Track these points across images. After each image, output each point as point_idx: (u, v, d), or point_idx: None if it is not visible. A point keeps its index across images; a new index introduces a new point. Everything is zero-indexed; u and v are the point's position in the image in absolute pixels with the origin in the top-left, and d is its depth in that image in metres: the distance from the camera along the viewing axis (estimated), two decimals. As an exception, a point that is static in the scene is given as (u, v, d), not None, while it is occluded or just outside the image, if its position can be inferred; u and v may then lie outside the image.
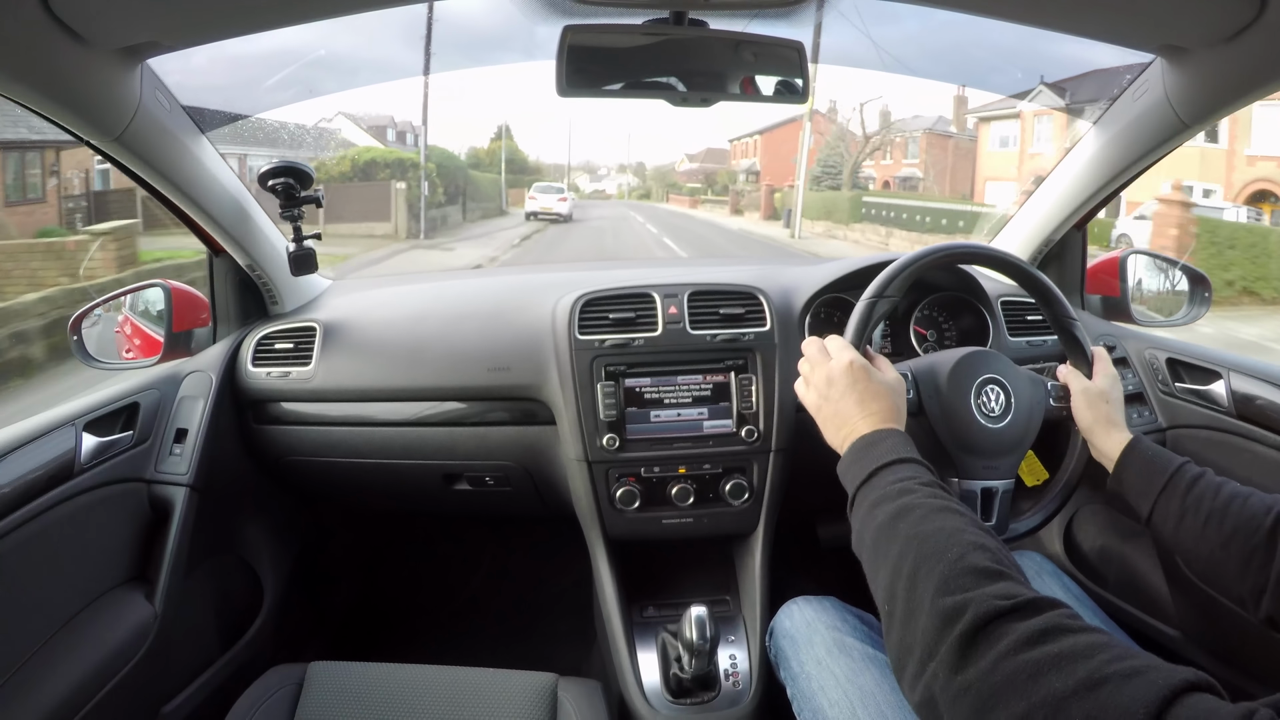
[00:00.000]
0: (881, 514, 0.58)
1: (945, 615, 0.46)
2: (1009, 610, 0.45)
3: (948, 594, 0.47)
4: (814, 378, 0.76)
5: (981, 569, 0.48)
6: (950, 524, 0.54)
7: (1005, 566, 0.49)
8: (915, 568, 0.51)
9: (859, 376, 0.72)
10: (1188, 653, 1.04)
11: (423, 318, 1.23)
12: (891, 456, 0.64)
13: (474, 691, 0.90)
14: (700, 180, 38.40)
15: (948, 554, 0.50)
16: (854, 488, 0.65)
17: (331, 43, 2.50)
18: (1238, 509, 0.69)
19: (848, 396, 0.72)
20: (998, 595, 0.46)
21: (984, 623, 0.45)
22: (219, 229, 1.09)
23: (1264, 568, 0.65)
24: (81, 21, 0.68)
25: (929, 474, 0.62)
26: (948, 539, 0.52)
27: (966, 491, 0.81)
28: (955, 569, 0.49)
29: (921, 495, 0.58)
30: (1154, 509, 0.75)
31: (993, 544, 0.52)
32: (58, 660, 0.83)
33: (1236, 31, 0.73)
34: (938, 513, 0.55)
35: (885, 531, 0.57)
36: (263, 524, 1.28)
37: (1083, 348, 0.86)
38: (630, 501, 1.08)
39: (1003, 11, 0.82)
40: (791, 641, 0.86)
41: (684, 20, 0.85)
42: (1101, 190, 1.13)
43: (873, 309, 0.80)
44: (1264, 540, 0.66)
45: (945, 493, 0.60)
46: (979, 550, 0.50)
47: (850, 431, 0.70)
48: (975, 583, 0.47)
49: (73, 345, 1.10)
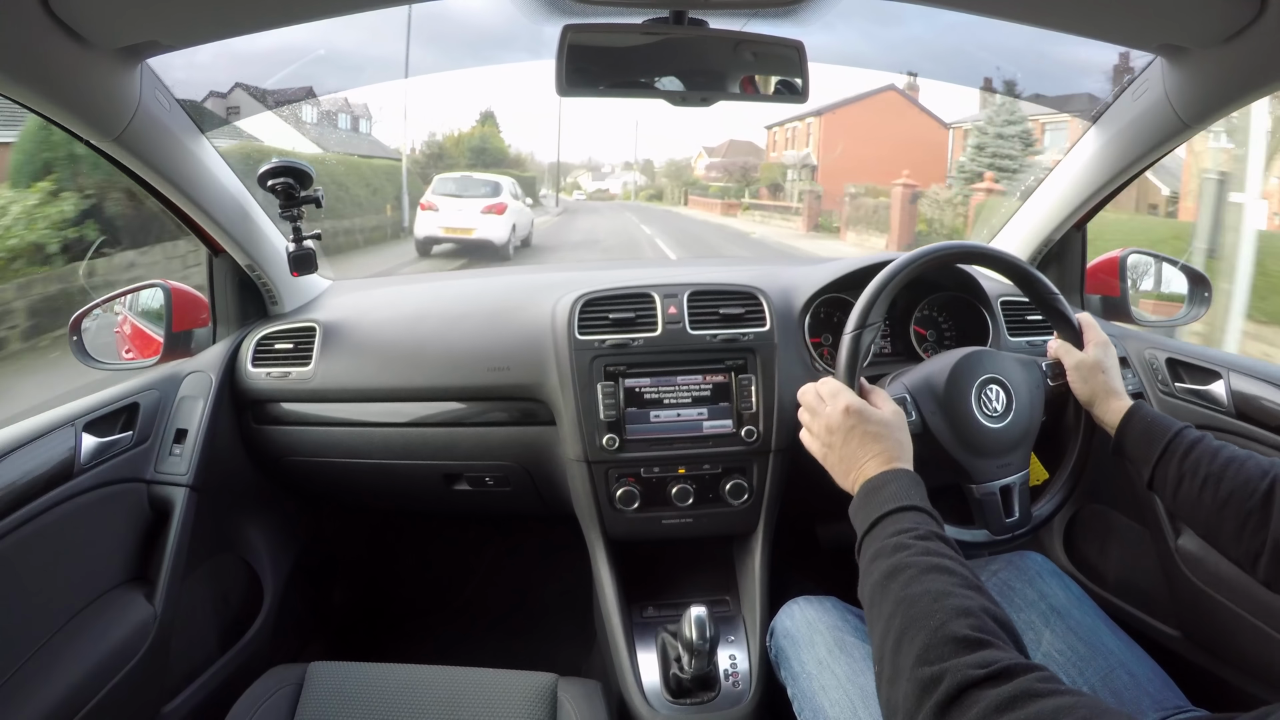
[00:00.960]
0: (877, 571, 0.60)
1: (923, 684, 0.48)
2: (982, 679, 0.46)
3: (927, 664, 0.49)
4: (815, 426, 0.77)
5: (961, 638, 0.50)
6: (938, 586, 0.55)
7: (987, 633, 0.51)
8: (901, 633, 0.53)
9: (857, 420, 0.72)
10: (1188, 652, 1.04)
11: (422, 318, 1.23)
12: (894, 505, 0.64)
13: (474, 691, 0.90)
14: (728, 177, 29.33)
15: (930, 621, 0.52)
16: (860, 534, 0.66)
17: (329, 41, 2.50)
18: (1234, 473, 0.70)
19: (849, 441, 0.72)
20: (974, 665, 0.47)
21: (958, 692, 0.46)
22: (219, 229, 1.09)
23: (1259, 531, 0.66)
24: (81, 21, 0.68)
25: (929, 522, 0.63)
26: (933, 604, 0.53)
27: (986, 494, 0.82)
28: (936, 638, 0.51)
29: (914, 552, 0.59)
30: (1154, 474, 0.76)
31: (978, 606, 0.53)
32: (58, 660, 0.83)
33: (1237, 31, 0.73)
34: (927, 573, 0.57)
35: (879, 590, 0.58)
36: (263, 524, 1.28)
37: (1068, 320, 0.87)
38: (630, 501, 1.08)
39: (1003, 11, 0.82)
40: (792, 641, 0.86)
41: (684, 20, 0.85)
42: (1101, 190, 1.13)
43: (858, 342, 0.79)
44: (1259, 504, 0.67)
45: (942, 544, 0.60)
46: (961, 617, 0.52)
47: (858, 475, 0.71)
48: (954, 652, 0.49)
49: (72, 345, 1.10)
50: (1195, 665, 1.02)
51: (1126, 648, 0.82)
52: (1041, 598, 0.87)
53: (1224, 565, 0.95)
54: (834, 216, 17.47)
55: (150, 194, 1.01)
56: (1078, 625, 0.83)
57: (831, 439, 0.74)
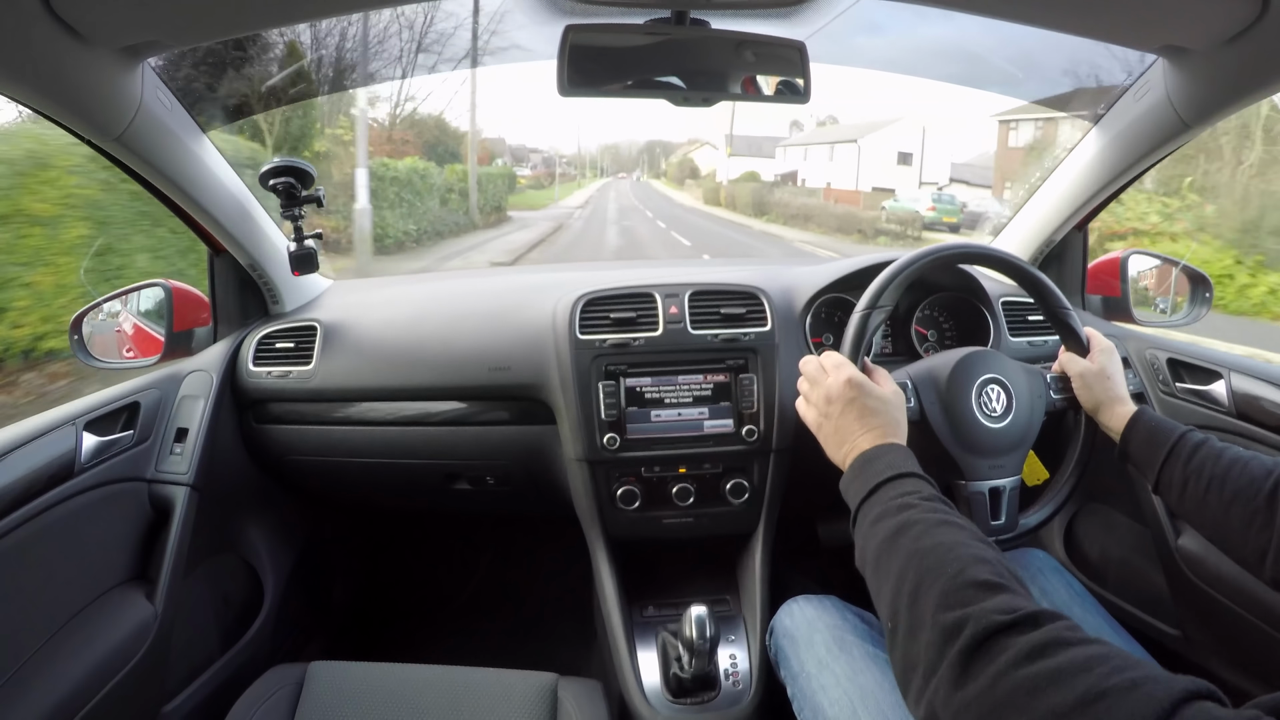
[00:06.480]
0: (883, 530, 0.59)
1: (946, 631, 0.47)
2: (1008, 625, 0.45)
3: (948, 609, 0.48)
4: (813, 396, 0.77)
5: (981, 582, 0.49)
6: (950, 538, 0.54)
7: (1005, 579, 0.50)
8: (917, 583, 0.51)
9: (857, 393, 0.73)
10: (1188, 652, 1.04)
11: (423, 317, 1.23)
12: (892, 472, 0.64)
13: (474, 691, 0.90)
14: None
15: (948, 568, 0.51)
16: (856, 504, 0.65)
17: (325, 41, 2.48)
18: (1238, 474, 0.70)
19: (847, 413, 0.72)
20: (997, 610, 0.46)
21: (983, 638, 0.45)
22: (220, 228, 1.09)
23: (1264, 530, 0.66)
24: (83, 21, 0.68)
25: (929, 487, 0.63)
26: (948, 553, 0.52)
27: (974, 493, 0.82)
28: (955, 583, 0.49)
29: (922, 510, 0.58)
30: (1159, 478, 0.76)
31: (993, 556, 0.52)
32: (58, 660, 0.83)
33: (1238, 32, 0.73)
34: (938, 527, 0.56)
35: (887, 548, 0.57)
36: (263, 524, 1.28)
37: (1076, 333, 0.87)
38: (630, 501, 1.08)
39: (1003, 11, 0.82)
40: (792, 640, 0.86)
41: (685, 20, 0.85)
42: (1102, 191, 1.13)
43: (867, 321, 0.80)
44: (1264, 504, 0.67)
45: (946, 506, 0.60)
46: (979, 564, 0.51)
47: (851, 448, 0.70)
48: (975, 597, 0.48)
49: (72, 344, 1.10)
50: (1195, 665, 1.02)
51: (1128, 647, 0.82)
52: (1043, 595, 0.87)
53: (1225, 565, 0.95)
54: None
55: (152, 193, 1.01)
56: (1079, 623, 0.83)
57: (830, 409, 0.74)
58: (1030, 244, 1.28)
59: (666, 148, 66.89)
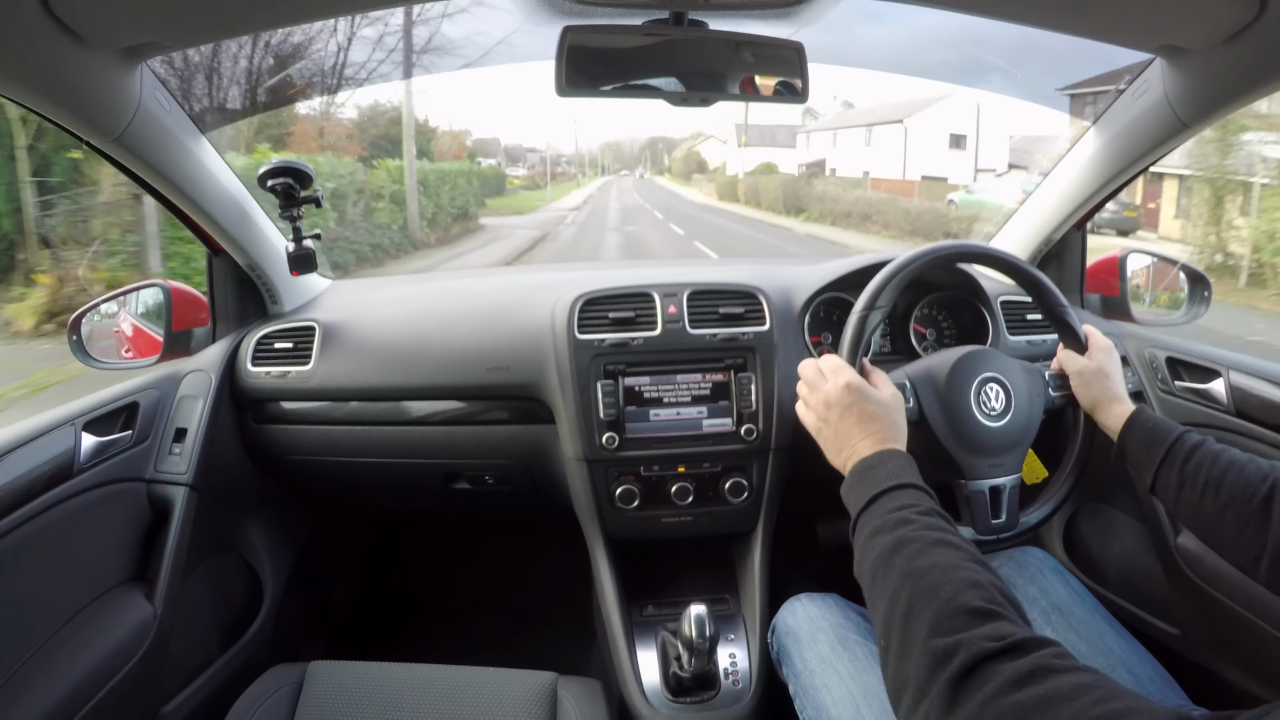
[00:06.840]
0: (879, 545, 0.59)
1: (937, 656, 0.47)
2: (998, 652, 0.45)
3: (940, 635, 0.48)
4: (812, 400, 0.76)
5: (973, 609, 0.49)
6: (945, 559, 0.54)
7: (998, 605, 0.50)
8: (910, 605, 0.52)
9: (856, 397, 0.72)
10: (1188, 651, 1.04)
11: (422, 317, 1.23)
12: (891, 482, 0.64)
13: (474, 691, 0.90)
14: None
15: (941, 592, 0.51)
16: (855, 512, 0.65)
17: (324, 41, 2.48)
18: (1234, 477, 0.70)
19: (846, 418, 0.72)
20: (988, 636, 0.46)
21: (973, 665, 0.45)
22: (218, 229, 1.09)
23: (1259, 535, 0.66)
24: (81, 22, 0.68)
25: (928, 499, 0.63)
26: (941, 576, 0.52)
27: (975, 492, 0.82)
28: (948, 609, 0.49)
29: (918, 527, 0.59)
30: (1155, 479, 0.76)
31: (986, 580, 0.53)
32: (57, 660, 0.83)
33: (1236, 31, 0.73)
34: (933, 547, 0.56)
35: (882, 564, 0.57)
36: (262, 524, 1.28)
37: (1075, 331, 0.87)
38: (630, 500, 1.08)
39: (1003, 11, 0.82)
40: (794, 638, 0.86)
41: (683, 21, 0.85)
42: (1101, 190, 1.13)
43: (865, 322, 0.80)
44: (1259, 508, 0.67)
45: (944, 521, 0.60)
46: (972, 589, 0.51)
47: (851, 453, 0.70)
48: (967, 624, 0.48)
49: (71, 344, 1.10)
50: (1195, 664, 1.02)
51: (1128, 646, 0.82)
52: (1043, 594, 0.87)
53: (1224, 564, 0.95)
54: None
55: (150, 194, 1.01)
56: (1079, 623, 0.83)
57: (828, 414, 0.73)
58: (1029, 243, 1.28)
59: (669, 143, 66.59)
